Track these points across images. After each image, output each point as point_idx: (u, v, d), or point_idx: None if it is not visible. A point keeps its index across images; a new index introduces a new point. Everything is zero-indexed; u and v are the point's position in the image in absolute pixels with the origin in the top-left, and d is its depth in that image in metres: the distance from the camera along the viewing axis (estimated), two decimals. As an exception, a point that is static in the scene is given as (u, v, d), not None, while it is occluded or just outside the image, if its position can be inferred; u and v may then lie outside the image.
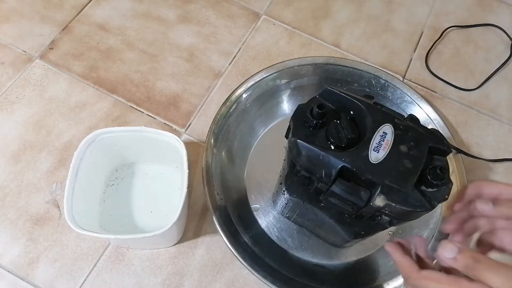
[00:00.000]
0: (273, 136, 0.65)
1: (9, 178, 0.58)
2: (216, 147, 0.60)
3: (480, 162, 0.65)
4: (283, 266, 0.54)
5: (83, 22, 0.72)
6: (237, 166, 0.62)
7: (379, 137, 0.37)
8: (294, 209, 0.51)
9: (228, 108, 0.62)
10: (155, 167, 0.60)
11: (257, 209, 0.59)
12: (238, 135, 0.63)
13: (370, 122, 0.38)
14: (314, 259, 0.57)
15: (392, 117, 0.39)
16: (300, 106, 0.40)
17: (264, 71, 0.65)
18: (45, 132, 0.62)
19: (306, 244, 0.58)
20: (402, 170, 0.36)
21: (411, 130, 0.38)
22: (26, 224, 0.56)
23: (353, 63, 0.68)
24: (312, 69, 0.67)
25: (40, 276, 0.53)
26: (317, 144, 0.37)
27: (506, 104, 0.71)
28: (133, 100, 0.66)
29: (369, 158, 0.36)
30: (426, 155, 0.38)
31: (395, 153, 0.37)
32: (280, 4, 0.78)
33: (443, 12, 0.80)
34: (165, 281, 0.54)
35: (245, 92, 0.64)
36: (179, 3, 0.76)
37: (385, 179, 0.35)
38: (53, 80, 0.66)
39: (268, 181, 0.61)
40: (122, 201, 0.57)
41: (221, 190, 0.57)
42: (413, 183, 0.36)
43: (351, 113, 0.40)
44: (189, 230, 0.57)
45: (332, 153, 0.36)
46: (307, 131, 0.38)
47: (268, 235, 0.58)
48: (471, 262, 0.32)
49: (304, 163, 0.38)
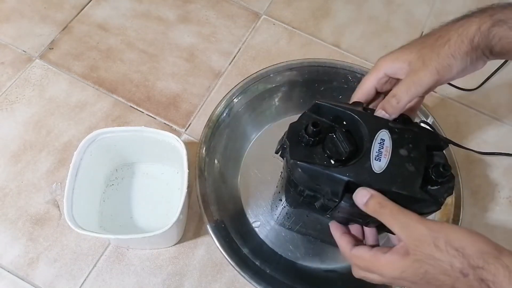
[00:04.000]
0: (261, 146, 0.63)
1: (9, 178, 0.58)
2: (209, 156, 0.58)
3: (480, 161, 0.65)
4: (296, 279, 0.53)
5: (83, 22, 0.72)
6: (230, 183, 0.60)
7: (377, 145, 0.37)
8: (297, 221, 0.51)
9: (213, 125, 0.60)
10: (155, 167, 0.60)
11: (258, 225, 0.58)
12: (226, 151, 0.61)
13: (366, 131, 0.38)
14: (323, 265, 0.56)
15: (386, 122, 0.39)
16: (292, 125, 0.39)
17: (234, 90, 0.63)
18: (45, 132, 0.62)
19: (312, 251, 0.56)
20: (407, 174, 0.36)
21: (406, 132, 0.38)
22: (26, 224, 0.56)
23: (327, 62, 0.66)
24: (288, 74, 0.65)
25: (40, 276, 0.53)
26: (318, 163, 0.36)
27: (506, 104, 0.71)
28: (133, 100, 0.66)
29: (372, 169, 0.36)
30: (425, 154, 0.38)
31: (396, 159, 0.37)
32: (280, 4, 0.78)
33: (443, 12, 0.80)
34: (165, 281, 0.54)
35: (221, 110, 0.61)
36: (179, 3, 0.76)
37: (391, 186, 0.35)
38: (53, 80, 0.66)
39: (263, 192, 0.60)
40: (122, 201, 0.57)
41: (217, 208, 0.56)
42: (419, 186, 0.36)
43: (344, 124, 0.39)
44: (189, 230, 0.57)
45: (336, 170, 0.36)
46: (304, 150, 0.37)
47: (273, 249, 0.56)
48: (377, 207, 0.34)
49: (307, 183, 0.38)
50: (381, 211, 0.34)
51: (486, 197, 0.63)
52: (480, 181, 0.64)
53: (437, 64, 0.37)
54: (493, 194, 0.64)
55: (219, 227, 0.53)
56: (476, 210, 0.62)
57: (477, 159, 0.66)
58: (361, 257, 0.37)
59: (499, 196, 0.63)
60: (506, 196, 0.64)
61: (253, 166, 0.62)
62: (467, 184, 0.63)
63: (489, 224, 0.61)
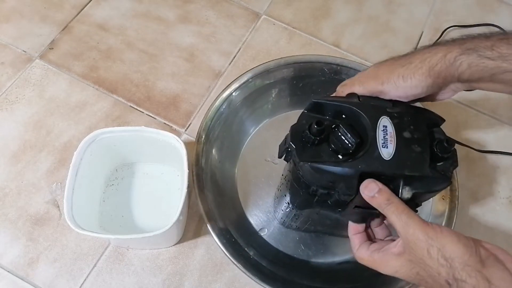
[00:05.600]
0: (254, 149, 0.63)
1: (9, 178, 0.58)
2: (206, 155, 0.58)
3: (480, 161, 0.65)
4: (313, 278, 0.53)
5: (83, 22, 0.72)
6: (229, 194, 0.60)
7: (381, 132, 0.37)
8: (306, 220, 0.51)
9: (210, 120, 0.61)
10: (155, 167, 0.60)
11: (265, 232, 0.58)
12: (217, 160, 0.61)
13: (367, 120, 0.38)
14: (336, 258, 0.56)
15: (384, 108, 0.39)
16: (294, 127, 0.39)
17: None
18: (45, 132, 0.62)
19: (322, 247, 0.57)
20: (415, 156, 0.37)
21: (405, 114, 0.39)
22: (26, 224, 0.56)
23: (304, 57, 0.66)
24: (267, 76, 0.65)
25: (40, 276, 0.53)
26: (328, 161, 0.37)
27: (506, 104, 0.71)
28: (133, 100, 0.66)
29: (382, 156, 0.36)
30: (427, 133, 0.38)
31: (402, 142, 0.37)
32: (280, 4, 0.78)
33: (443, 12, 0.80)
34: (165, 281, 0.54)
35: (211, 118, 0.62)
36: (179, 3, 0.76)
37: (404, 170, 0.36)
38: (53, 80, 0.66)
39: (262, 197, 0.60)
40: (122, 201, 0.57)
41: (218, 212, 0.56)
42: (428, 165, 0.37)
43: (344, 117, 0.40)
44: (189, 230, 0.57)
45: (347, 164, 0.36)
46: (311, 151, 0.37)
47: (285, 252, 0.56)
48: (384, 202, 0.35)
49: (320, 182, 0.38)
50: (387, 208, 0.35)
51: (486, 197, 0.63)
52: (480, 181, 0.64)
53: (385, 78, 0.39)
54: (493, 194, 0.64)
55: (224, 234, 0.54)
56: (476, 210, 0.62)
57: (477, 159, 0.66)
58: (361, 257, 0.40)
59: (499, 196, 0.63)
60: (506, 196, 0.64)
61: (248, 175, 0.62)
62: (467, 184, 0.63)
63: (489, 224, 0.61)
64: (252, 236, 0.57)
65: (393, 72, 0.39)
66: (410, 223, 0.34)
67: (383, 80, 0.39)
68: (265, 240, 0.57)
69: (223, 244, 0.52)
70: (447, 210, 0.58)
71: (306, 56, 0.67)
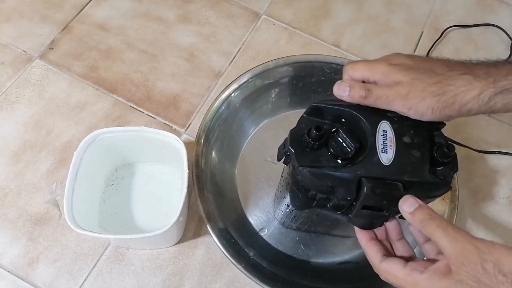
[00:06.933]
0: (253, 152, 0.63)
1: (9, 178, 0.58)
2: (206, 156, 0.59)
3: (480, 161, 0.65)
4: (313, 278, 0.53)
5: (83, 22, 0.72)
6: (228, 195, 0.60)
7: (381, 137, 0.37)
8: (306, 221, 0.51)
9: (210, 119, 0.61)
10: (155, 167, 0.60)
11: (265, 232, 0.58)
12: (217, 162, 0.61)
13: (366, 125, 0.38)
14: (336, 258, 0.56)
15: (384, 113, 0.39)
16: (293, 132, 0.39)
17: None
18: (45, 132, 0.62)
19: (322, 247, 0.57)
20: (414, 161, 0.36)
21: (405, 119, 0.38)
22: (26, 224, 0.56)
23: (304, 57, 0.66)
24: (267, 76, 0.65)
25: (40, 276, 0.53)
26: (327, 165, 0.36)
27: (506, 104, 0.71)
28: (133, 100, 0.66)
29: (381, 162, 0.36)
30: (427, 137, 0.38)
31: (402, 148, 0.37)
32: (280, 4, 0.78)
33: (443, 12, 0.80)
34: (165, 281, 0.54)
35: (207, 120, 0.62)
36: (179, 3, 0.76)
37: (403, 176, 0.36)
38: (53, 80, 0.66)
39: (262, 197, 0.60)
40: (122, 201, 0.57)
41: (219, 213, 0.56)
42: (428, 170, 0.36)
43: (343, 121, 0.39)
44: (189, 230, 0.57)
45: (347, 169, 0.36)
46: (310, 155, 0.37)
47: (285, 252, 0.56)
48: (425, 218, 0.33)
49: (319, 187, 0.38)
50: (430, 223, 0.33)
51: (486, 197, 0.63)
52: (480, 181, 0.64)
53: (413, 104, 0.37)
54: (493, 194, 0.64)
55: (224, 233, 0.54)
56: (476, 210, 0.62)
57: (477, 159, 0.66)
58: (394, 274, 0.35)
59: (499, 196, 0.63)
60: (506, 196, 0.64)
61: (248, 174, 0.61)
62: (467, 184, 0.63)
63: (489, 224, 0.61)
64: (252, 237, 0.57)
65: (424, 100, 0.36)
66: (458, 237, 0.31)
67: (411, 105, 0.37)
68: (265, 240, 0.57)
69: (223, 244, 0.52)
70: (447, 210, 0.58)
71: (306, 56, 0.67)
